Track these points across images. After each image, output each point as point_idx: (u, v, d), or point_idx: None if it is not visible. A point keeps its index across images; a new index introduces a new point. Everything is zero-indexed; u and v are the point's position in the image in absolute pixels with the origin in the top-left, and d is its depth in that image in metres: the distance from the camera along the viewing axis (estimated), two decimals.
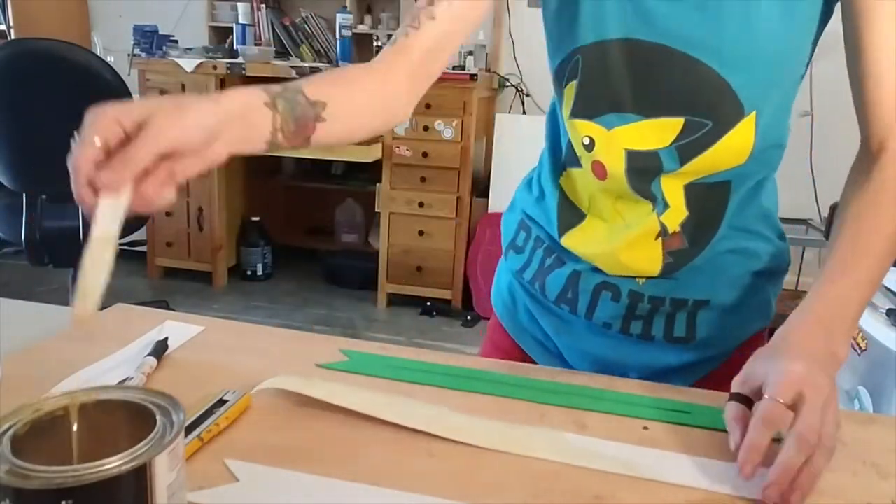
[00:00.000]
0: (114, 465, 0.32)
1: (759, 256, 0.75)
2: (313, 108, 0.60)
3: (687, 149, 0.66)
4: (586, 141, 0.70)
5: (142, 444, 0.34)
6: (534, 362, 0.84)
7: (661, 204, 0.70)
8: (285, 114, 0.57)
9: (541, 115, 3.09)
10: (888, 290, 1.67)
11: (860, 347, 1.61)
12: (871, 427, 0.62)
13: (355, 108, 0.66)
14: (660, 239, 0.71)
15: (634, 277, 0.73)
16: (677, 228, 0.71)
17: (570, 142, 0.77)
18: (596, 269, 0.74)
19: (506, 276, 0.88)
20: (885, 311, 1.55)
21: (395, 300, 3.05)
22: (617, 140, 0.68)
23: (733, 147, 0.66)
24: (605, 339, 0.77)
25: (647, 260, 0.72)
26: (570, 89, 0.70)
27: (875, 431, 0.61)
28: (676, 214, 0.70)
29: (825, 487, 0.51)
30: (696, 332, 0.74)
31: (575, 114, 0.70)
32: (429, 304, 2.96)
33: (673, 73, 0.64)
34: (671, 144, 0.66)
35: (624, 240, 0.72)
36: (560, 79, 0.71)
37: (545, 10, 0.71)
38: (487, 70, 3.13)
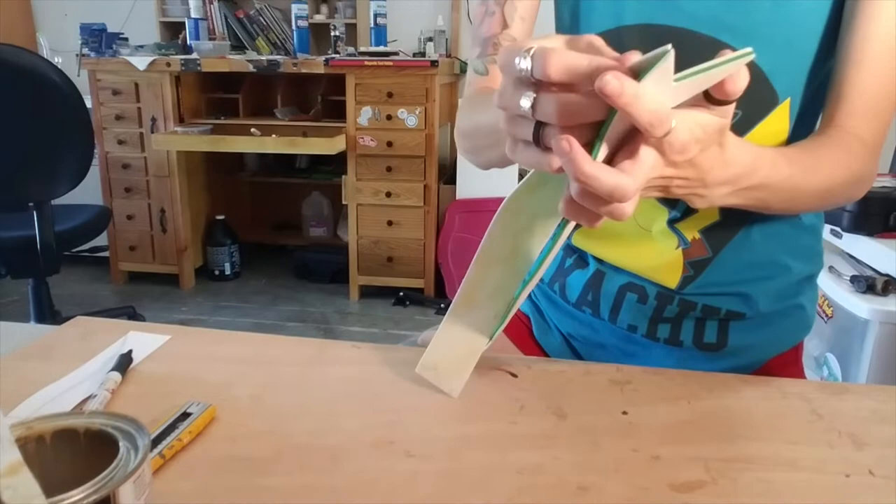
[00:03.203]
0: (76, 498, 0.30)
1: (790, 266, 0.71)
2: None
3: None
4: None
5: (105, 473, 0.32)
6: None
7: (685, 209, 0.67)
8: None
9: None
10: (851, 256, 1.70)
11: (826, 314, 1.65)
12: (844, 397, 0.62)
13: None
14: (680, 249, 0.69)
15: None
16: (696, 235, 0.68)
17: None
18: (620, 269, 0.72)
19: None
20: (848, 278, 1.58)
21: (368, 292, 3.03)
22: None
23: (767, 135, 0.63)
24: (629, 344, 0.74)
25: (666, 270, 0.70)
26: None
27: (849, 401, 0.61)
28: (702, 220, 0.67)
29: (802, 460, 0.52)
30: (728, 340, 0.71)
31: None
32: (402, 293, 2.95)
33: (698, 59, 0.60)
34: None
35: (641, 245, 0.70)
36: None
37: (558, 1, 0.70)
38: (448, 55, 3.10)
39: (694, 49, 0.61)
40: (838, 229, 1.68)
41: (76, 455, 0.35)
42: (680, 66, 0.62)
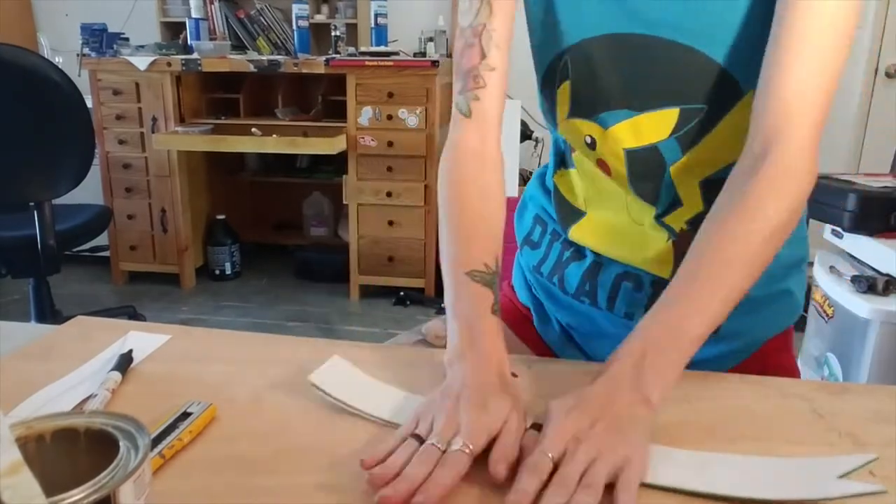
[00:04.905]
0: (76, 497, 0.30)
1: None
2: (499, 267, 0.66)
3: (687, 137, 0.65)
4: (588, 140, 0.70)
5: (105, 473, 0.32)
6: (553, 354, 0.84)
7: (668, 204, 0.68)
8: (497, 300, 0.63)
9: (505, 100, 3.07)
10: (851, 256, 1.70)
11: (827, 315, 1.64)
12: (844, 396, 0.62)
13: (497, 214, 0.69)
14: (671, 241, 0.70)
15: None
16: (684, 227, 0.69)
17: (557, 142, 0.76)
18: (615, 260, 0.74)
19: (523, 270, 0.87)
20: (849, 278, 1.58)
21: (368, 292, 3.03)
22: (615, 139, 0.67)
23: (735, 127, 0.63)
24: (627, 331, 0.74)
25: (659, 261, 0.71)
26: (564, 90, 0.69)
27: (849, 401, 0.61)
28: (688, 211, 0.68)
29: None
30: (720, 325, 0.72)
31: (573, 114, 0.70)
32: (402, 293, 2.95)
33: (662, 62, 0.63)
34: (670, 136, 0.65)
35: (636, 238, 0.71)
36: (551, 81, 0.70)
37: (529, 17, 0.71)
38: (448, 55, 3.10)
39: (657, 53, 0.63)
40: (839, 229, 1.68)
41: (76, 455, 0.35)
42: (645, 73, 0.63)
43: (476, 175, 0.70)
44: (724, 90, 0.63)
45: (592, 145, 0.70)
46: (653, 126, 0.65)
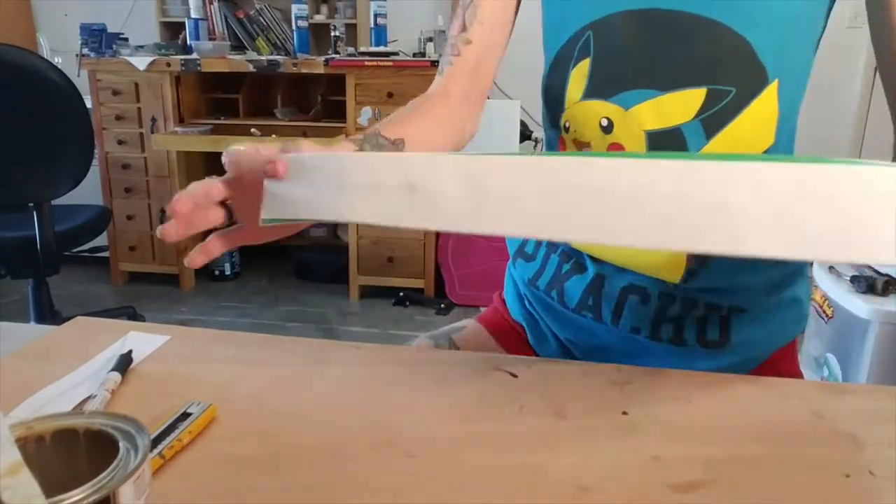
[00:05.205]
0: (76, 498, 0.30)
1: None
2: (394, 147, 0.66)
3: (712, 120, 0.63)
4: (604, 122, 0.68)
5: (104, 473, 0.32)
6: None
7: None
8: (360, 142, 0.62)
9: (504, 100, 3.06)
10: None
11: (826, 315, 1.65)
12: (844, 397, 0.62)
13: (430, 137, 0.71)
14: None
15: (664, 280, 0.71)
16: None
17: (551, 144, 0.75)
18: (621, 270, 0.72)
19: (516, 284, 0.86)
20: (848, 278, 1.58)
21: (368, 292, 3.03)
22: (636, 120, 0.65)
23: (759, 118, 0.63)
24: (631, 345, 0.74)
25: (669, 265, 0.70)
26: (581, 70, 0.68)
27: (848, 401, 0.61)
28: None
29: (802, 461, 0.52)
30: (730, 336, 0.71)
31: (589, 94, 0.68)
32: (402, 294, 2.95)
33: (692, 39, 0.62)
34: (695, 118, 0.64)
35: None
36: (566, 60, 0.69)
37: None
38: None
39: (684, 29, 0.62)
40: None
41: (76, 455, 0.35)
42: (674, 50, 0.62)
43: (432, 106, 0.73)
44: (752, 73, 0.62)
45: (609, 128, 0.68)
46: (677, 106, 0.64)
